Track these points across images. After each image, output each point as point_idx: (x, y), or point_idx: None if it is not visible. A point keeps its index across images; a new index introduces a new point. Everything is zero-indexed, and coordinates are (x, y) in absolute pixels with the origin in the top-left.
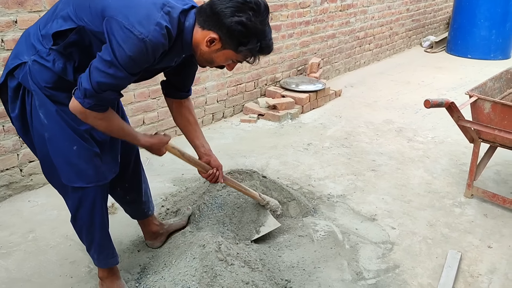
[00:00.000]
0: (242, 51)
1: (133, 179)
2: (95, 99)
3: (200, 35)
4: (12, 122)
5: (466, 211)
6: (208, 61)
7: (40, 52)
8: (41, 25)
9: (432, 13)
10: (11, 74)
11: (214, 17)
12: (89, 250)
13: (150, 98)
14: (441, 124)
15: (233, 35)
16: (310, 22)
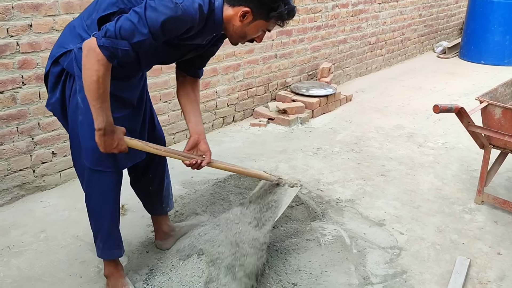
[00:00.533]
0: (272, 17)
1: (157, 170)
2: (111, 41)
3: (231, 12)
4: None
5: (476, 217)
6: (241, 36)
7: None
8: (85, 17)
9: (445, 19)
10: (56, 62)
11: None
12: (96, 240)
13: (161, 101)
14: (452, 130)
15: (263, 3)
16: (321, 27)
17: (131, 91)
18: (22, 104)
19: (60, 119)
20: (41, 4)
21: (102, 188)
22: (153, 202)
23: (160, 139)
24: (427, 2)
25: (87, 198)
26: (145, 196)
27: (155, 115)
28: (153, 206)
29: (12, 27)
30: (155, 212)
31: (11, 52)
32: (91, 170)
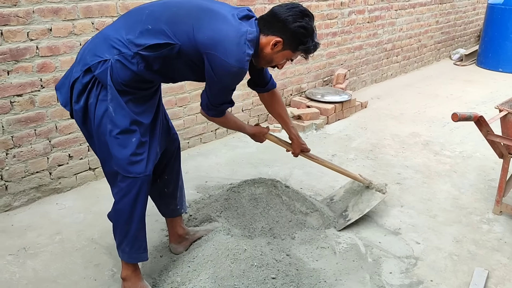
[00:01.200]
0: (300, 50)
1: (173, 171)
2: (215, 111)
3: (264, 41)
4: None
5: (494, 228)
6: (268, 61)
7: (125, 55)
8: (124, 30)
9: (462, 26)
10: (89, 70)
11: (279, 24)
12: (121, 245)
13: (177, 106)
14: (470, 138)
15: (296, 37)
16: (337, 33)
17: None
18: (40, 107)
19: (80, 125)
20: (60, 9)
21: (133, 193)
22: (168, 203)
23: (175, 139)
24: (444, 9)
25: (116, 203)
26: (160, 198)
27: (168, 118)
28: (168, 207)
29: (32, 31)
30: (170, 214)
31: (31, 55)
32: (123, 176)
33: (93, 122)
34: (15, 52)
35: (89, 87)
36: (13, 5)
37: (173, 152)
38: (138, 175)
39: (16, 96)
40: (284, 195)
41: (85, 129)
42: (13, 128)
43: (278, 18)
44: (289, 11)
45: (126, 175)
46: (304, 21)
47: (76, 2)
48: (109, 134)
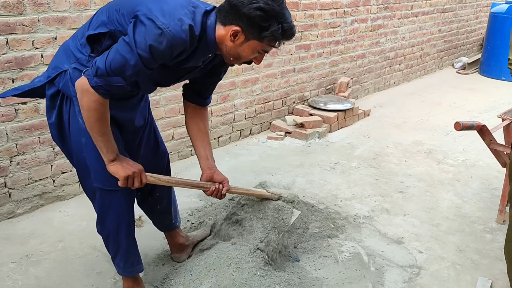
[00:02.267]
0: (266, 37)
1: (164, 189)
2: (104, 80)
3: (222, 31)
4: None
5: (498, 237)
6: (235, 56)
7: (80, 60)
8: (79, 36)
9: (465, 34)
10: (51, 83)
11: (233, 10)
12: (115, 259)
13: (180, 114)
14: (473, 147)
15: (253, 21)
16: (340, 42)
17: (130, 111)
18: (44, 115)
19: (57, 142)
20: (65, 17)
21: (116, 207)
22: (163, 219)
23: (164, 155)
24: (447, 18)
25: (101, 220)
26: (153, 215)
27: (157, 132)
28: (163, 223)
29: (37, 40)
30: (166, 229)
31: (36, 63)
32: (102, 190)
33: (69, 138)
34: (20, 60)
35: (58, 102)
36: (18, 14)
37: (162, 168)
38: (118, 188)
39: (21, 104)
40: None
41: (63, 146)
42: (17, 135)
43: (232, 3)
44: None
45: (105, 188)
46: (262, 1)
47: (81, 11)
48: (85, 147)
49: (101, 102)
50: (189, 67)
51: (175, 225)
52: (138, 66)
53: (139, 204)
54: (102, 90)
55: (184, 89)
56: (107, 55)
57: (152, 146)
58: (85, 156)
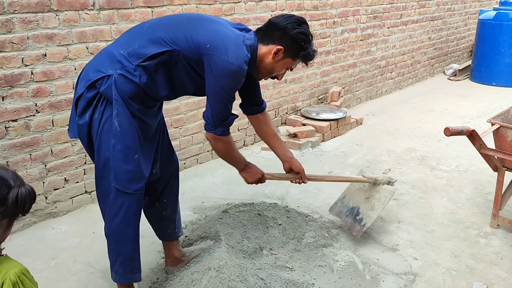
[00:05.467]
0: (300, 57)
1: (172, 194)
2: (223, 125)
3: (264, 50)
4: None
5: (492, 242)
6: (269, 71)
7: (127, 68)
8: (124, 45)
9: (454, 41)
10: (92, 85)
11: (278, 32)
12: (114, 265)
13: (172, 127)
14: (466, 153)
15: (297, 43)
16: (330, 52)
17: (153, 118)
18: (35, 132)
19: (84, 142)
20: (55, 34)
21: (127, 210)
22: (166, 227)
23: (174, 163)
24: (436, 26)
25: (109, 220)
26: (158, 222)
27: (171, 142)
28: (166, 231)
29: (27, 57)
30: (168, 238)
31: (26, 81)
32: (119, 192)
33: (95, 136)
34: (9, 78)
35: (94, 103)
36: (7, 32)
37: (172, 174)
38: (135, 192)
39: (11, 121)
40: (283, 217)
41: (89, 145)
42: (8, 153)
43: (277, 27)
44: (287, 19)
45: (124, 190)
46: (303, 27)
47: (70, 27)
48: (112, 149)
49: (229, 138)
50: None
51: (177, 235)
52: (232, 100)
53: (145, 210)
54: (226, 132)
55: (242, 107)
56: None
57: (165, 151)
58: (108, 156)
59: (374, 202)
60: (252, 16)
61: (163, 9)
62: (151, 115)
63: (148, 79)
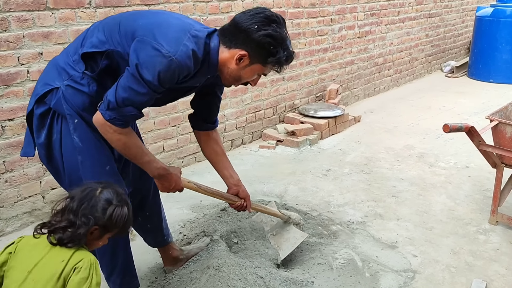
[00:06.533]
0: (270, 63)
1: (154, 206)
2: (116, 112)
3: (227, 55)
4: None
5: (491, 238)
6: (235, 79)
7: (74, 77)
8: (71, 52)
9: (452, 38)
10: (41, 101)
11: (241, 35)
12: (111, 276)
13: (170, 125)
14: (464, 149)
15: (263, 47)
16: (328, 49)
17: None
18: None
19: (44, 162)
20: (51, 33)
21: None
22: (155, 237)
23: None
24: (433, 23)
25: None
26: (145, 233)
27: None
28: (155, 240)
29: (23, 56)
30: (159, 245)
31: (22, 80)
32: None
33: (60, 159)
34: (5, 77)
35: (48, 121)
36: (3, 30)
37: (151, 185)
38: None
39: (8, 120)
40: None
41: (50, 166)
42: (4, 152)
43: (240, 28)
44: (252, 18)
45: None
46: (271, 28)
47: (67, 26)
48: (82, 165)
49: (120, 132)
50: (186, 87)
51: (167, 241)
52: (148, 95)
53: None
54: (117, 121)
55: (191, 120)
56: (115, 88)
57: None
58: (80, 174)
59: (281, 241)
60: None
61: (160, 6)
62: None
63: (98, 87)
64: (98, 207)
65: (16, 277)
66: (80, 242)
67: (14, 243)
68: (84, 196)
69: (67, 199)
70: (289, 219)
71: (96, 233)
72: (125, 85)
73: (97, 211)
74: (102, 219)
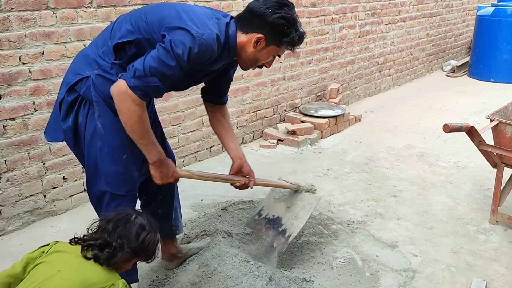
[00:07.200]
0: (284, 43)
1: (167, 192)
2: (141, 81)
3: (244, 39)
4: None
5: (491, 238)
6: (253, 61)
7: (104, 67)
8: (99, 44)
9: (452, 38)
10: (72, 89)
11: (256, 19)
12: None
13: (171, 125)
14: (464, 149)
15: (277, 29)
16: (328, 49)
17: None
18: (33, 130)
19: (71, 146)
20: (52, 32)
21: None
22: (162, 225)
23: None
24: (434, 22)
25: None
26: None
27: (165, 137)
28: (162, 229)
29: (24, 55)
30: (164, 235)
31: (23, 79)
32: (112, 195)
33: (83, 141)
34: (7, 76)
35: (76, 106)
36: (4, 30)
37: None
38: (128, 193)
39: (9, 120)
40: None
41: (76, 149)
42: (6, 152)
43: (255, 13)
44: (265, 3)
45: (117, 193)
46: (284, 11)
47: (68, 25)
48: (100, 152)
49: (138, 103)
50: (206, 71)
51: (174, 232)
52: (175, 69)
53: (141, 208)
54: (139, 90)
55: (202, 92)
56: (144, 58)
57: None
58: (97, 160)
59: (297, 210)
60: None
61: None
62: None
63: None
64: (132, 231)
65: (45, 271)
66: (115, 264)
67: (49, 245)
68: (119, 220)
69: (102, 220)
70: (299, 187)
71: (126, 256)
72: (155, 55)
73: (131, 235)
74: (134, 243)
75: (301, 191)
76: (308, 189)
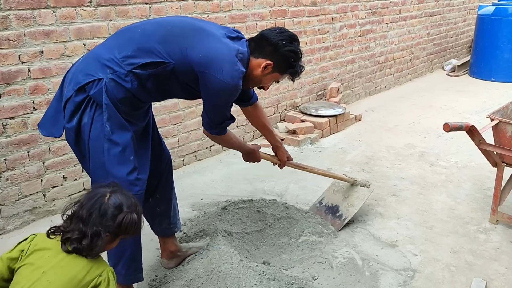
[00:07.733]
0: (288, 73)
1: (165, 190)
2: (217, 129)
3: (255, 63)
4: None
5: (491, 237)
6: (256, 83)
7: (119, 73)
8: (117, 49)
9: (453, 37)
10: (81, 89)
11: (270, 48)
12: (116, 266)
13: (170, 124)
14: (465, 148)
15: (286, 60)
16: (329, 48)
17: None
18: (33, 129)
19: (72, 145)
20: (52, 31)
21: None
22: (161, 222)
23: (167, 157)
24: (435, 21)
25: None
26: (152, 217)
27: (160, 136)
28: (160, 226)
29: (23, 54)
30: (163, 233)
31: (23, 78)
32: None
33: (87, 142)
34: (6, 75)
35: (82, 107)
36: (4, 29)
37: (164, 170)
38: (136, 193)
39: (9, 119)
40: (282, 213)
41: (77, 149)
42: (5, 151)
43: (269, 42)
44: (279, 35)
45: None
46: (294, 45)
47: (68, 24)
48: (107, 153)
49: (225, 137)
50: None
51: (173, 230)
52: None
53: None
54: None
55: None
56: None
57: (156, 148)
58: (104, 160)
59: (353, 200)
60: (250, 12)
61: (161, 5)
62: (140, 116)
63: (139, 85)
64: (108, 215)
65: (29, 276)
66: (98, 251)
67: (27, 241)
68: (92, 205)
69: (76, 205)
70: (355, 182)
71: (108, 239)
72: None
73: (107, 220)
74: (112, 227)
75: (356, 184)
76: (363, 184)
